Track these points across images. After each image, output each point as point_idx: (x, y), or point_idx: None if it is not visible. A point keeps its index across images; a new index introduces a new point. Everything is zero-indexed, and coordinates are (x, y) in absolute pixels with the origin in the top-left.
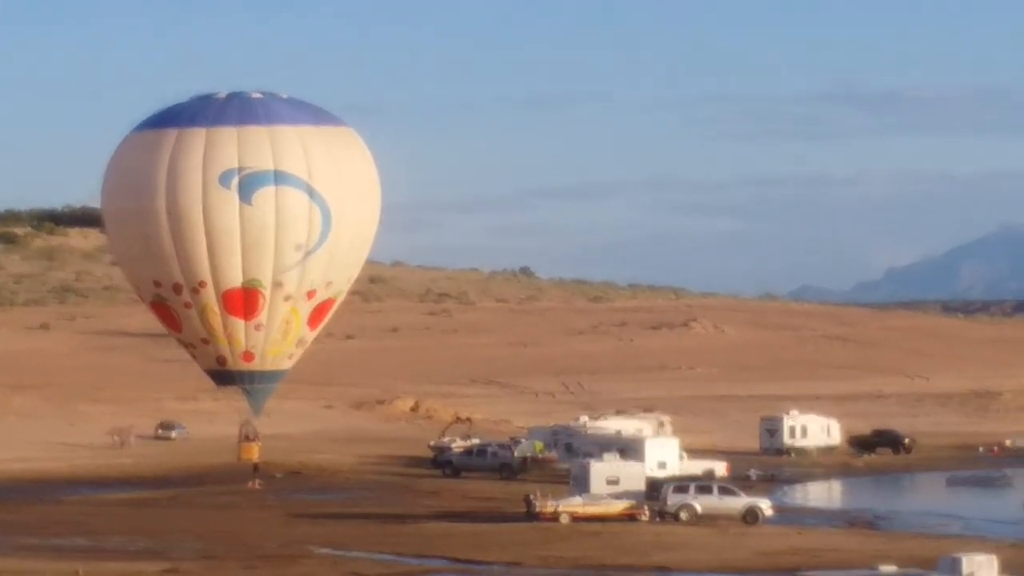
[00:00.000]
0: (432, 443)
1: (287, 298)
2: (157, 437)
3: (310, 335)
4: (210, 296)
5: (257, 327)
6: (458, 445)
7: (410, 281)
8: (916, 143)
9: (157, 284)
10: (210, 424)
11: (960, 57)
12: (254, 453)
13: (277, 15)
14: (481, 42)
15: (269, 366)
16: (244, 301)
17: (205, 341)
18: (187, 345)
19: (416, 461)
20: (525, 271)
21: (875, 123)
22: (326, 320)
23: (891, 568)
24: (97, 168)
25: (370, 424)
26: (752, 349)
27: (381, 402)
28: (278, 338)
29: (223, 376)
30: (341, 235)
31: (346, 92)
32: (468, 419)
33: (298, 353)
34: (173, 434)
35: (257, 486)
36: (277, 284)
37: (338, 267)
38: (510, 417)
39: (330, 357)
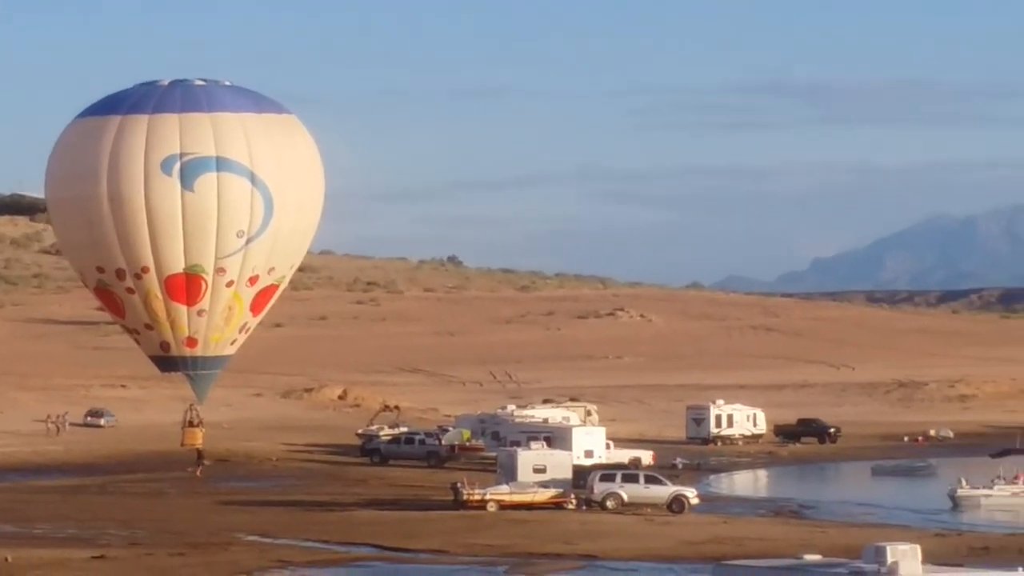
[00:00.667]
0: (360, 431)
1: (229, 284)
2: (86, 424)
3: (253, 321)
4: (152, 282)
5: (199, 313)
6: (386, 433)
7: (338, 270)
8: (843, 134)
9: (100, 270)
10: (138, 412)
11: (888, 49)
12: (198, 439)
13: (217, 4)
14: (412, 33)
15: (212, 352)
16: (186, 287)
17: (148, 327)
18: (131, 331)
19: (344, 449)
20: (453, 260)
21: (802, 114)
22: (269, 306)
23: (815, 557)
24: (27, 157)
25: (298, 412)
26: (679, 339)
27: (309, 390)
28: (220, 324)
29: (166, 362)
30: (283, 222)
31: (278, 81)
32: (396, 407)
33: (241, 339)
34: (102, 421)
35: (199, 473)
36: (219, 270)
37: (280, 254)
38: (438, 405)
39: (258, 345)
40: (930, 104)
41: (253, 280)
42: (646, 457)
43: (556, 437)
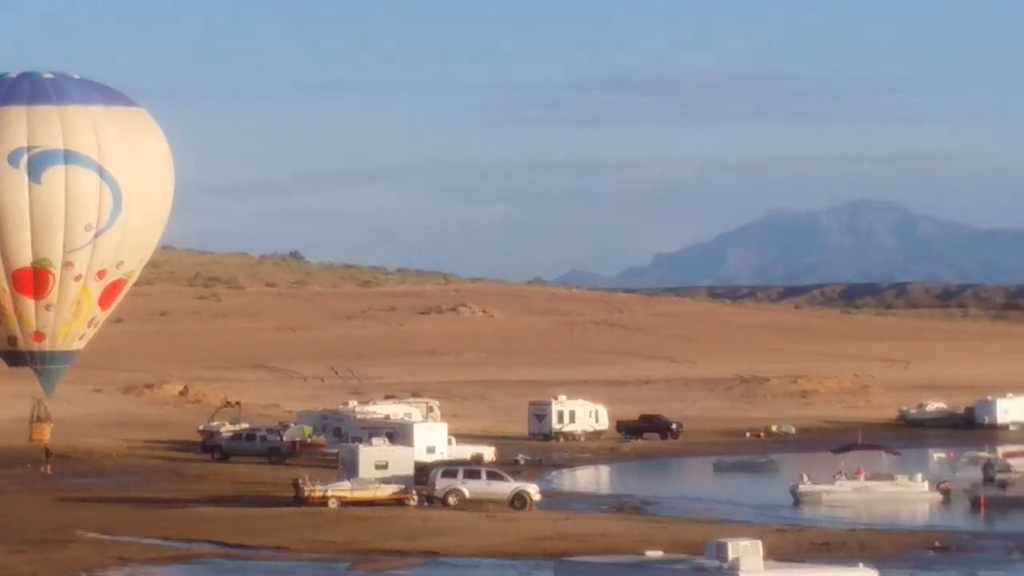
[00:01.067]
0: (201, 427)
1: (77, 278)
2: None
3: (102, 315)
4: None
5: (47, 307)
6: (227, 429)
7: (180, 265)
8: (686, 130)
9: None
10: None
11: (730, 45)
12: (45, 434)
13: None
14: (258, 26)
15: (60, 346)
16: (34, 281)
17: None
18: None
19: (185, 445)
20: (294, 256)
21: (645, 110)
22: (118, 301)
23: (657, 553)
24: None
25: (139, 408)
26: (521, 334)
27: (150, 386)
28: (69, 318)
29: (14, 357)
30: (132, 216)
31: (119, 74)
32: (237, 403)
33: (90, 333)
34: None
35: (48, 471)
36: (67, 264)
37: (129, 248)
38: (279, 401)
39: (99, 340)
40: (774, 100)
41: (102, 274)
42: (488, 453)
43: (398, 433)
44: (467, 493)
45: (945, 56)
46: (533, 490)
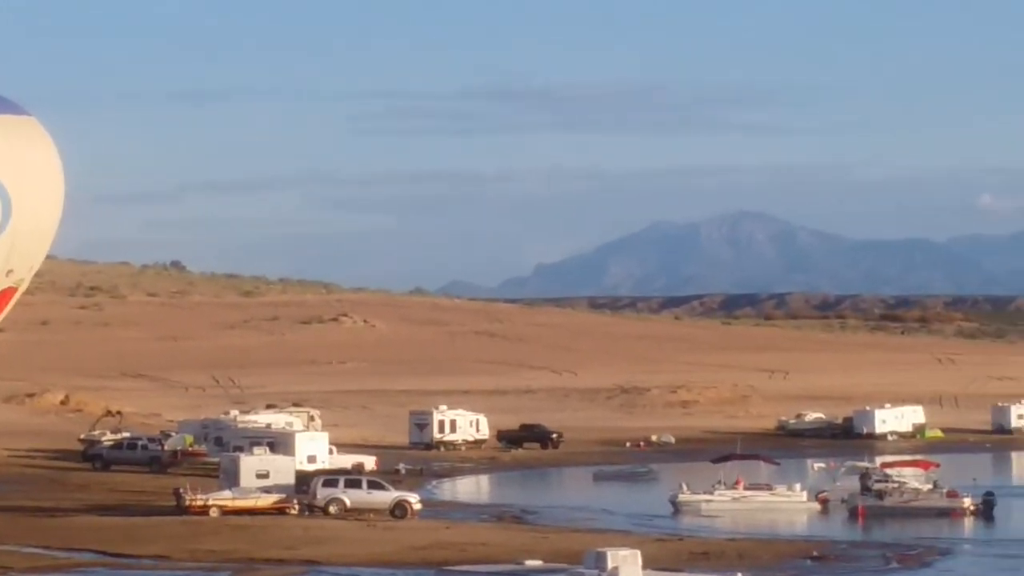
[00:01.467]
0: (82, 436)
1: None
2: None
3: None
4: None
5: None
6: (108, 439)
7: (61, 274)
8: (567, 140)
9: None
10: None
11: (611, 56)
12: None
13: None
14: (137, 34)
15: None
16: None
17: None
18: None
19: (66, 454)
20: (176, 265)
21: (526, 120)
22: (8, 308)
23: (537, 562)
24: None
25: (20, 417)
26: (402, 344)
27: (31, 395)
28: None
29: None
30: (21, 224)
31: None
32: (118, 413)
33: None
34: None
35: None
36: None
37: (19, 256)
38: (161, 411)
39: None
40: (655, 111)
41: None
42: (369, 462)
43: (279, 442)
44: (348, 502)
45: (824, 68)
46: (414, 499)
